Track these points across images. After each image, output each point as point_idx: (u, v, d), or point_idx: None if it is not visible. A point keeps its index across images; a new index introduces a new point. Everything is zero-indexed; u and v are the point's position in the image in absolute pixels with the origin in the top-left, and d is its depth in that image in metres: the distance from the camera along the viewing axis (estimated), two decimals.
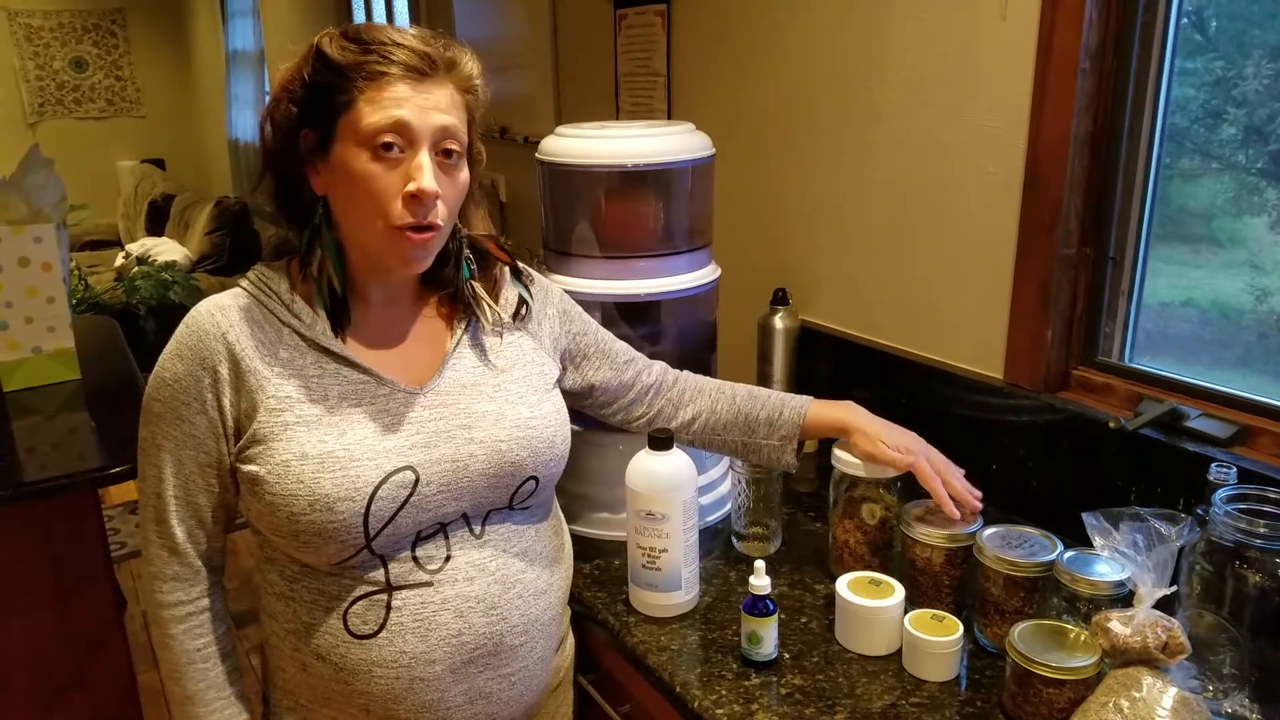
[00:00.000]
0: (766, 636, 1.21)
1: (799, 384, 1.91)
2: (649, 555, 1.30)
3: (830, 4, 1.79)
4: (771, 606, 1.21)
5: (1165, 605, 1.03)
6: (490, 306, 1.21)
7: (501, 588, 1.14)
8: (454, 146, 1.08)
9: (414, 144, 1.04)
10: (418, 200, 1.04)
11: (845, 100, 1.80)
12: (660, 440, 1.29)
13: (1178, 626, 1.01)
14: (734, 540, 1.51)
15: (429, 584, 1.10)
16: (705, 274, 1.59)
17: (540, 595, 1.19)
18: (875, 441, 1.31)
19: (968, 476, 1.32)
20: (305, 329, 1.10)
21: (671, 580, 1.31)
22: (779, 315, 1.88)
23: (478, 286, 1.20)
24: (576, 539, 1.51)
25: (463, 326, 1.19)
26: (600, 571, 1.45)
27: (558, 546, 1.27)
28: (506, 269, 1.24)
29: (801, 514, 1.62)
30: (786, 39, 1.91)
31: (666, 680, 1.21)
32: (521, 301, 1.23)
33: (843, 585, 1.26)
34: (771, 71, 1.96)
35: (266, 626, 1.18)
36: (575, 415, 1.31)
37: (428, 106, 1.04)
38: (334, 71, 1.04)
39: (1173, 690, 0.98)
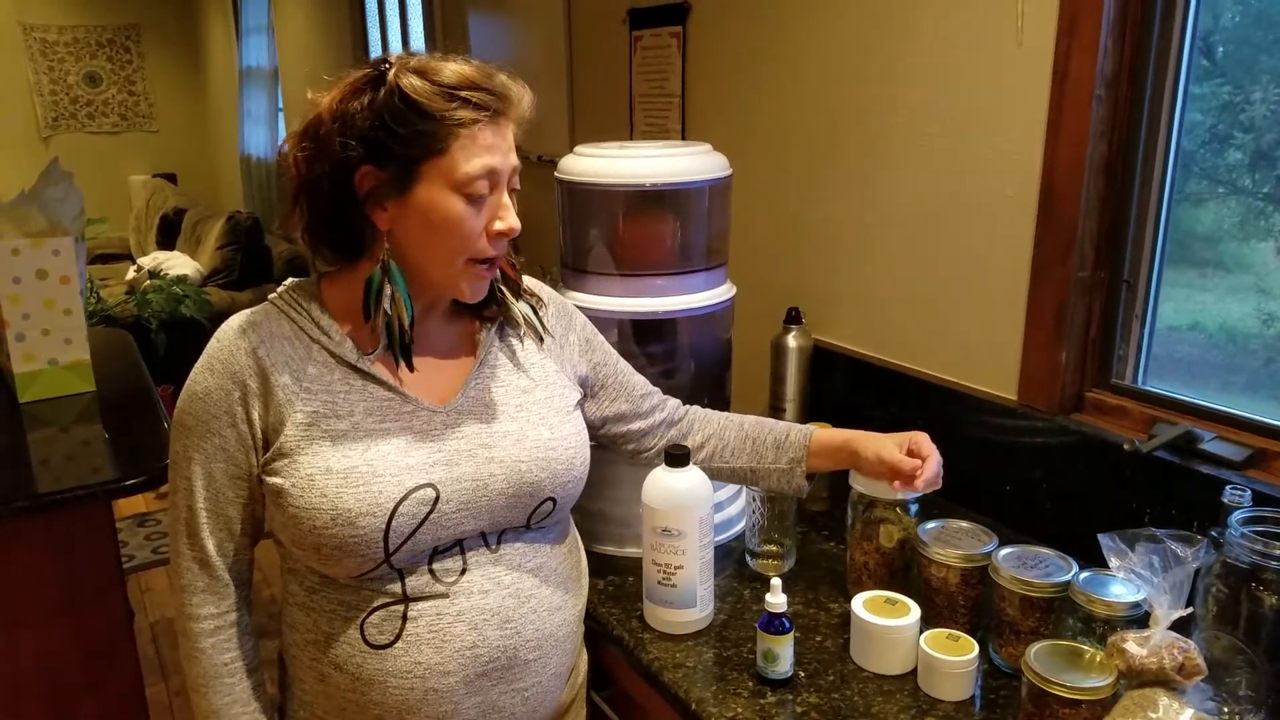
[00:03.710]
0: (782, 654, 1.22)
1: (812, 403, 1.92)
2: (665, 572, 1.31)
3: (847, 28, 1.81)
4: (788, 624, 1.22)
5: (1181, 627, 1.03)
6: (513, 304, 1.22)
7: (516, 601, 1.15)
8: (517, 182, 1.13)
9: (497, 186, 1.09)
10: (503, 236, 1.10)
11: (861, 123, 1.82)
12: (677, 457, 1.29)
13: (1194, 648, 1.01)
14: (748, 558, 1.52)
15: (445, 595, 1.11)
16: (720, 293, 1.60)
17: (555, 611, 1.19)
18: (889, 447, 1.28)
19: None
20: (334, 346, 1.12)
21: (687, 597, 1.32)
22: (792, 334, 1.89)
23: (505, 290, 1.21)
24: (591, 555, 1.52)
25: (487, 346, 1.21)
26: (615, 588, 1.46)
27: (573, 565, 1.27)
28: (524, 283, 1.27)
29: (815, 533, 1.63)
30: (803, 62, 1.93)
31: (682, 697, 1.22)
32: (534, 312, 1.25)
33: (858, 604, 1.27)
34: (787, 93, 1.98)
35: (286, 637, 1.19)
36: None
37: (505, 149, 1.09)
38: (423, 116, 1.04)
39: (1189, 712, 0.98)
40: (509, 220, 1.09)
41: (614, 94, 2.58)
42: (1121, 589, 1.13)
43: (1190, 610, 1.04)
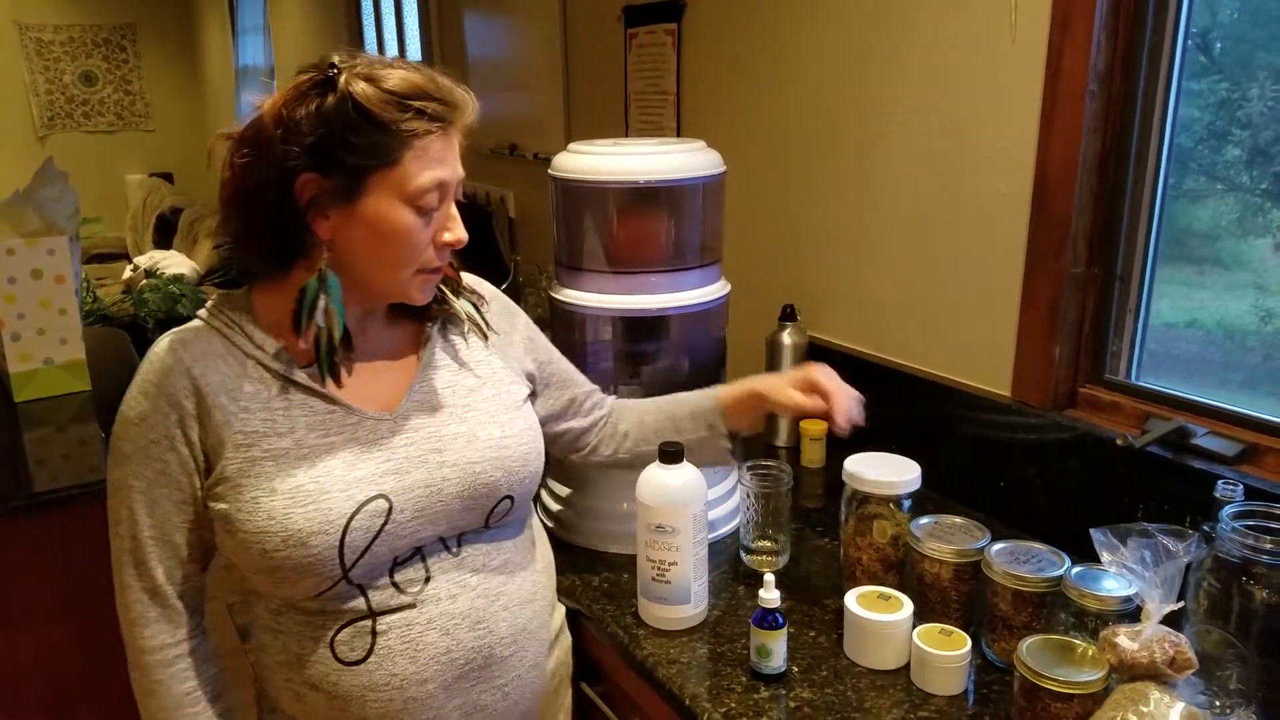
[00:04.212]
0: (776, 650, 1.22)
1: None
2: (659, 568, 1.31)
3: (846, 28, 1.82)
4: (781, 620, 1.22)
5: (1172, 621, 1.03)
6: (454, 301, 1.20)
7: (485, 601, 1.13)
8: (461, 193, 1.12)
9: (445, 198, 1.07)
10: (450, 247, 1.09)
11: (860, 122, 1.82)
12: (671, 454, 1.30)
13: (1185, 642, 1.01)
14: (742, 554, 1.52)
15: (412, 605, 1.09)
16: (715, 290, 1.60)
17: (525, 604, 1.18)
18: (783, 390, 1.32)
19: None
20: (269, 361, 1.08)
21: (681, 593, 1.32)
22: (787, 331, 1.89)
23: (444, 289, 1.19)
24: (585, 552, 1.52)
25: (430, 348, 1.18)
26: (609, 584, 1.46)
27: (537, 555, 1.26)
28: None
29: (809, 529, 1.63)
30: (801, 62, 1.93)
31: (676, 693, 1.22)
32: (475, 309, 1.23)
33: (852, 600, 1.27)
34: (785, 93, 1.98)
35: (258, 659, 1.17)
36: None
37: (453, 160, 1.07)
38: (377, 126, 1.00)
39: (1180, 705, 0.98)
40: (457, 232, 1.08)
41: (609, 92, 2.58)
42: (1113, 584, 1.13)
43: (1181, 605, 1.04)
